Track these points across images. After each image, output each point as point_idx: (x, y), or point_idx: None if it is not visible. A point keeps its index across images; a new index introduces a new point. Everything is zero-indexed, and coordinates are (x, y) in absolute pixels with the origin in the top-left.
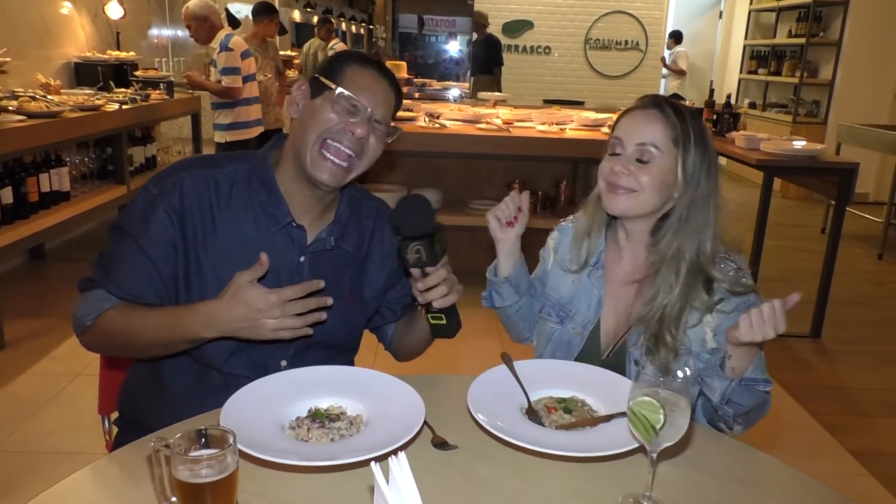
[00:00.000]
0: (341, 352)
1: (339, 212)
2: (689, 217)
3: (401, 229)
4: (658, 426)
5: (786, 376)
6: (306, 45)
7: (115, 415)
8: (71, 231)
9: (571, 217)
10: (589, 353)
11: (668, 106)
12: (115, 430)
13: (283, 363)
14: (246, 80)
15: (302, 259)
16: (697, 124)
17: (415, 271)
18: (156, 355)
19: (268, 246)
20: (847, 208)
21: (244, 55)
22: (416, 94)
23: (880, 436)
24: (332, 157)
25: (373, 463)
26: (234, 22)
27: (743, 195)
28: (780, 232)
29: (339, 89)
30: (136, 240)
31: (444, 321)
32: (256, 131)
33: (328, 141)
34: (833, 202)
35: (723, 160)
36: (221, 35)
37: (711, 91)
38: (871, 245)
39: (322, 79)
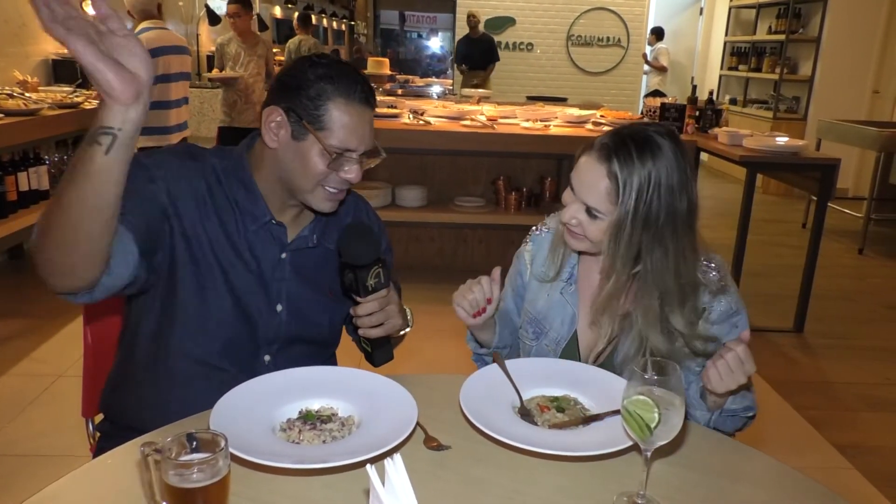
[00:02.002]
0: (324, 346)
1: None
2: (654, 254)
3: (342, 254)
4: (653, 425)
5: (770, 371)
6: (291, 43)
7: (99, 418)
8: None
9: (543, 224)
10: None
11: (617, 160)
12: (98, 434)
13: (267, 358)
14: (162, 79)
15: (284, 255)
16: (658, 169)
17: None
18: (92, 217)
19: (249, 243)
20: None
21: (158, 52)
22: (399, 91)
23: (863, 430)
24: (330, 197)
25: (368, 466)
26: (213, 19)
27: (725, 191)
28: (762, 227)
29: (329, 143)
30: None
31: (370, 350)
32: (176, 138)
33: (325, 187)
34: (814, 198)
35: (705, 156)
36: (137, 29)
37: (694, 87)
38: (851, 240)
39: (307, 125)
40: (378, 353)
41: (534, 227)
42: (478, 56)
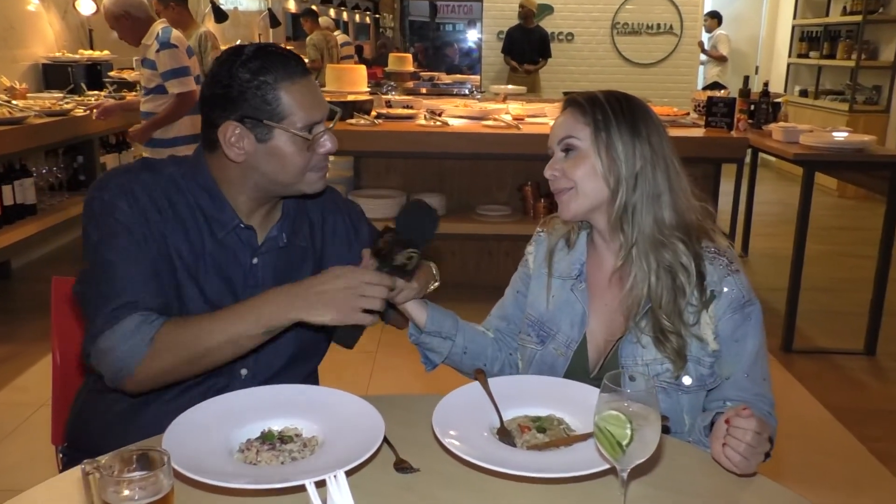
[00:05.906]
0: (306, 357)
1: (285, 205)
2: (640, 192)
3: (402, 231)
4: (625, 442)
5: (833, 398)
6: (317, 40)
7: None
8: (39, 248)
9: (548, 225)
10: (576, 375)
11: (581, 98)
12: (63, 458)
13: (244, 372)
14: (198, 81)
15: (255, 261)
16: (619, 104)
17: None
18: (220, 361)
19: (218, 249)
20: None
21: (188, 53)
22: (423, 90)
23: None
24: (320, 176)
25: (308, 483)
26: (220, 16)
27: (792, 195)
28: (835, 236)
29: (297, 127)
30: (126, 249)
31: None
32: None
33: (312, 171)
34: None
35: (770, 158)
36: (157, 29)
37: (746, 79)
38: None
39: (268, 123)
40: (344, 331)
41: (538, 229)
42: (529, 49)
